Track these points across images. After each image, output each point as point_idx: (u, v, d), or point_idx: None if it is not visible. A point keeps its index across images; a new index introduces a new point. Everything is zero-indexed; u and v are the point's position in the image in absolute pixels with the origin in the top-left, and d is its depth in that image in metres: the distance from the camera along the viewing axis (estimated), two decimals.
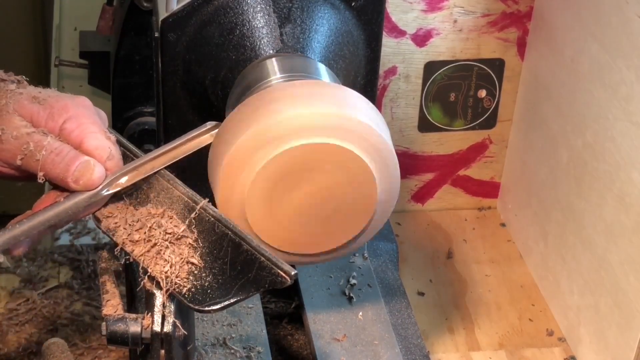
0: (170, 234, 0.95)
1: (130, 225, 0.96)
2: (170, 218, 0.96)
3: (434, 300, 1.56)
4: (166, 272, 0.93)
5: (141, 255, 0.94)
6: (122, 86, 1.60)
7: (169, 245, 0.94)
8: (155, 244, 0.94)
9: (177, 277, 0.93)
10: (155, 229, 0.95)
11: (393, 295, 1.40)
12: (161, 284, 0.93)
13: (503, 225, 1.73)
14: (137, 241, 0.95)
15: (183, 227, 0.95)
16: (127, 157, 1.01)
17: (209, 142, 1.03)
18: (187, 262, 0.93)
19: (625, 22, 1.28)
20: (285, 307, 1.46)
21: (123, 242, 0.96)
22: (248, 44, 1.11)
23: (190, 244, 0.94)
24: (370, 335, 1.32)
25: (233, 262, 0.92)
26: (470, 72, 1.62)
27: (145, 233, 0.95)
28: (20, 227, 0.95)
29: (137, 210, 0.98)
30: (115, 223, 0.97)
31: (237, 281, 0.91)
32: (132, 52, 1.58)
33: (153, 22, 1.16)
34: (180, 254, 0.94)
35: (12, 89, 1.01)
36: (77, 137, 0.98)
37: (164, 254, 0.93)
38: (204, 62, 1.13)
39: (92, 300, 1.52)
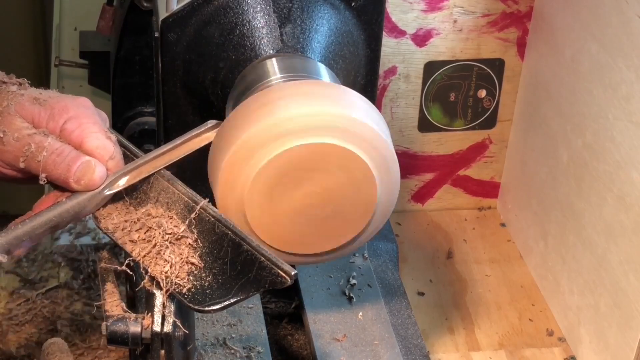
0: (170, 234, 0.95)
1: (130, 225, 0.96)
2: (170, 218, 0.96)
3: (434, 300, 1.56)
4: (166, 273, 0.93)
5: (141, 255, 0.94)
6: (122, 86, 1.60)
7: (168, 245, 0.94)
8: (155, 244, 0.94)
9: (177, 277, 0.93)
10: (155, 229, 0.95)
11: (393, 295, 1.40)
12: (161, 284, 0.93)
13: (503, 225, 1.73)
14: (136, 241, 0.95)
15: (183, 227, 0.95)
16: (127, 157, 1.01)
17: (209, 140, 1.03)
18: (187, 262, 0.93)
19: (625, 22, 1.28)
20: (285, 307, 1.46)
21: (123, 242, 0.96)
22: (248, 44, 1.11)
23: (190, 244, 0.94)
24: (370, 335, 1.32)
25: (233, 262, 0.92)
26: (470, 72, 1.62)
27: (145, 233, 0.95)
28: (22, 228, 0.95)
29: (137, 210, 0.98)
30: (115, 223, 0.97)
31: (237, 281, 0.91)
32: (132, 52, 1.58)
33: (153, 22, 1.16)
34: (180, 254, 0.94)
35: (14, 91, 1.01)
36: (78, 137, 0.98)
37: (163, 254, 0.93)
38: (204, 62, 1.13)
39: (92, 300, 1.51)
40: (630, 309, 1.30)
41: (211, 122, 1.04)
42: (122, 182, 0.98)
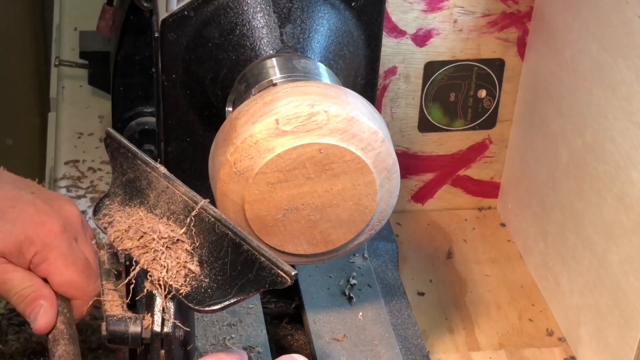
0: (165, 238, 0.94)
1: (125, 230, 0.96)
2: (168, 220, 0.96)
3: (434, 300, 1.56)
4: (163, 278, 0.92)
5: (138, 258, 0.94)
6: (122, 86, 1.60)
7: (164, 250, 0.94)
8: (150, 250, 0.94)
9: (176, 277, 0.92)
10: (150, 234, 0.95)
11: (393, 295, 1.40)
12: (160, 288, 0.93)
13: (503, 225, 1.73)
14: (131, 248, 0.95)
15: (181, 229, 0.95)
16: (127, 157, 1.01)
17: None
18: (184, 267, 0.93)
19: (625, 22, 1.28)
20: (285, 307, 1.46)
21: (120, 248, 0.96)
22: (248, 44, 1.11)
23: (189, 244, 0.94)
24: (370, 335, 1.32)
25: (233, 262, 0.92)
26: (470, 72, 1.62)
27: (139, 240, 0.95)
28: None
29: (135, 212, 0.97)
30: (114, 226, 0.97)
31: (237, 281, 0.91)
32: (132, 52, 1.58)
33: (153, 22, 1.16)
34: (177, 258, 0.93)
35: None
36: (43, 273, 1.03)
37: (159, 259, 0.93)
38: (204, 62, 1.13)
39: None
40: (630, 309, 1.30)
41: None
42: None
